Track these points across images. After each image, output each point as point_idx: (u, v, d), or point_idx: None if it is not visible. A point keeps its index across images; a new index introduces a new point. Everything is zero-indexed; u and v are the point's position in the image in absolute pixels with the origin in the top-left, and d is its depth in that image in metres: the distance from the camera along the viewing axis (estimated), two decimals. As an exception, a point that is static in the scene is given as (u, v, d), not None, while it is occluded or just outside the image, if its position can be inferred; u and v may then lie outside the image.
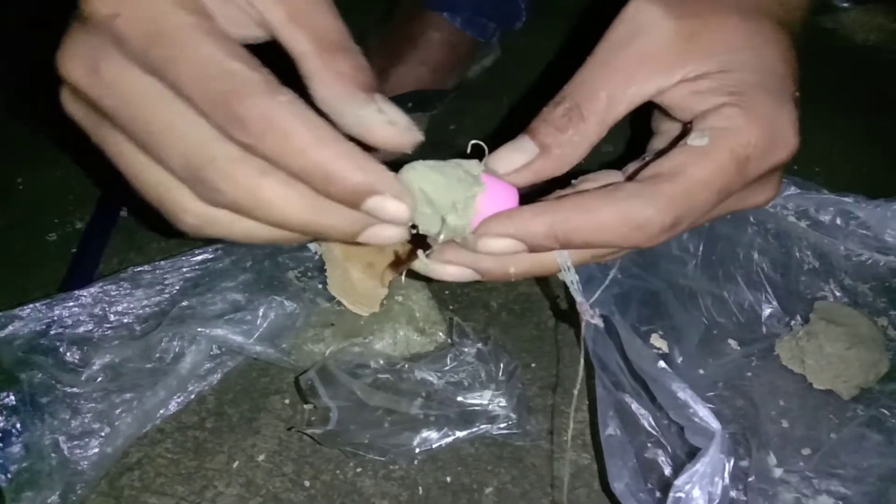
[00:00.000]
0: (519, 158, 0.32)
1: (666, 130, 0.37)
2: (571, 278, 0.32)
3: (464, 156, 0.32)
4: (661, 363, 0.45)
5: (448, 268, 0.32)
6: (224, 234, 0.30)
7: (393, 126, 0.28)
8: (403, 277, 0.48)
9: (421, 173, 0.30)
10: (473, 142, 0.32)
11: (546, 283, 0.63)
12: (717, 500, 0.40)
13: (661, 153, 0.32)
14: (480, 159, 0.32)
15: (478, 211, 0.30)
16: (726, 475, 0.41)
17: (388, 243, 0.30)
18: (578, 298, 0.33)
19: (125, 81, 0.27)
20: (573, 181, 0.35)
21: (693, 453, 0.42)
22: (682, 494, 0.40)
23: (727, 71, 0.31)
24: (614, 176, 0.35)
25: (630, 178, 0.33)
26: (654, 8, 0.32)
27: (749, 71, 0.32)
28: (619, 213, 0.29)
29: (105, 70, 0.27)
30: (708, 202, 0.31)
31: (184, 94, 0.26)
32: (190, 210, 0.29)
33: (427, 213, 0.30)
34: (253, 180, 0.27)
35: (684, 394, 0.44)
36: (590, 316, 0.33)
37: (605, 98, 0.31)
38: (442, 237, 0.31)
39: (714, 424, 0.42)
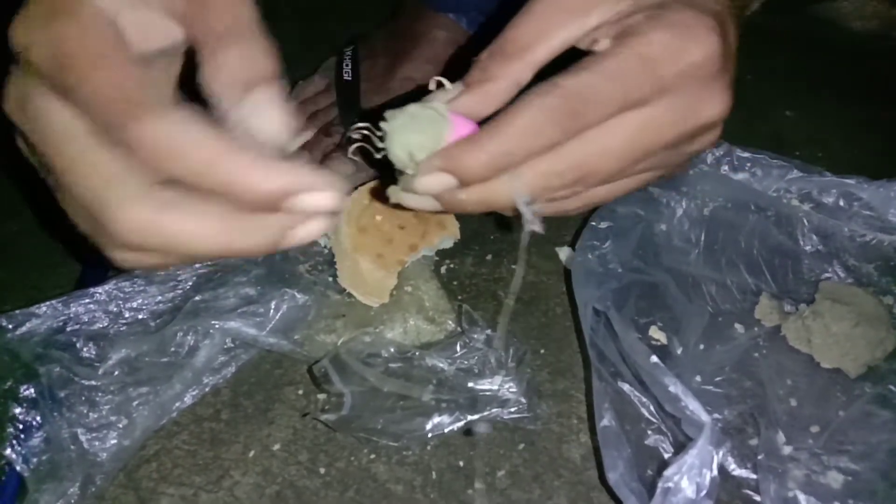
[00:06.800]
0: (444, 95, 0.34)
1: None
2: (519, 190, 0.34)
3: None
4: (654, 358, 0.47)
5: (411, 196, 0.34)
6: (159, 267, 0.29)
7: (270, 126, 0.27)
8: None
9: (398, 121, 0.32)
10: (436, 78, 0.35)
11: (554, 274, 0.64)
12: (704, 491, 0.41)
13: None
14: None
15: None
16: (714, 467, 0.42)
17: (316, 237, 0.28)
18: (524, 209, 0.33)
19: (44, 114, 0.26)
20: None
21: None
22: (671, 485, 0.41)
23: (640, 2, 0.34)
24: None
25: None
26: None
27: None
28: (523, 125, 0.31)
29: (29, 104, 0.27)
30: (613, 98, 0.31)
31: (98, 121, 0.25)
32: (115, 255, 0.28)
33: (402, 156, 0.33)
34: (150, 219, 0.25)
35: (675, 387, 0.45)
36: (530, 221, 0.33)
37: (527, 41, 0.34)
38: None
39: (704, 417, 0.43)
